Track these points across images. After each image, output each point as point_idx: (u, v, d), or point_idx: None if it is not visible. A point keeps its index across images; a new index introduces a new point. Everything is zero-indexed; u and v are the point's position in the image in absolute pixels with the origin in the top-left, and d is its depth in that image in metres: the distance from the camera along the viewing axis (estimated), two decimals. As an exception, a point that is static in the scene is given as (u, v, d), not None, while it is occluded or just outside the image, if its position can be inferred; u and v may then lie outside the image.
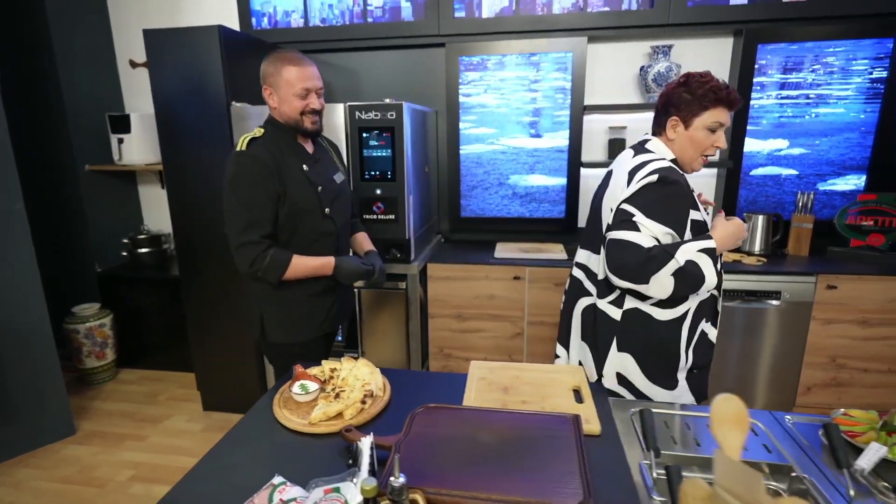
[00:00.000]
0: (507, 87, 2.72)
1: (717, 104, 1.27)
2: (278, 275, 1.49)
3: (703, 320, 1.36)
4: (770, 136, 2.57)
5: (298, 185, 1.51)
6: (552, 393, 1.20)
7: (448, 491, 0.83)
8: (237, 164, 1.45)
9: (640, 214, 1.24)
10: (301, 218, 1.53)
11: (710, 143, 1.31)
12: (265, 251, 1.46)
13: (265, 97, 1.52)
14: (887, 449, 0.95)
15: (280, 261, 1.47)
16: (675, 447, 1.06)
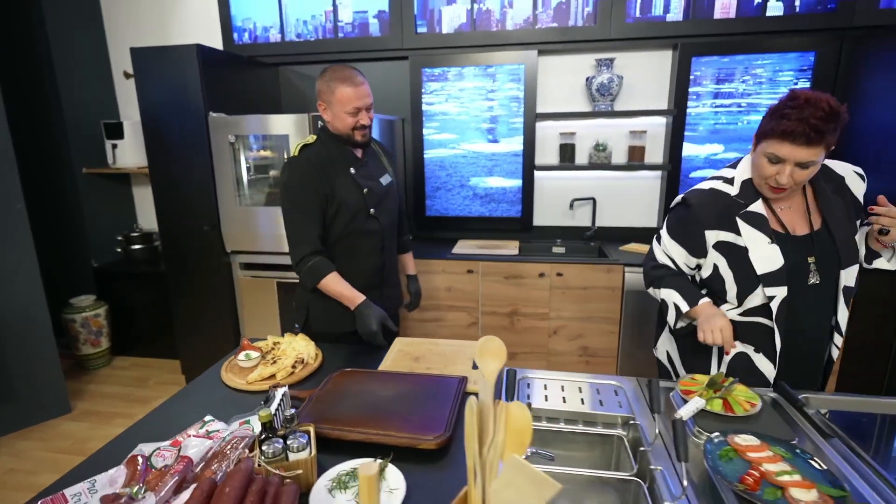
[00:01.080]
0: (466, 97, 2.95)
1: (772, 136, 1.18)
2: (312, 282, 1.61)
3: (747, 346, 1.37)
4: (706, 142, 2.79)
5: (346, 187, 1.63)
6: (454, 361, 1.44)
7: (336, 427, 1.06)
8: (290, 168, 1.60)
9: (664, 231, 1.46)
10: (348, 217, 1.64)
11: (765, 175, 1.24)
12: (310, 255, 1.60)
13: (320, 111, 1.63)
14: (705, 402, 1.18)
15: (317, 271, 1.59)
16: (547, 403, 1.29)
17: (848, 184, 1.35)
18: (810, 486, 0.90)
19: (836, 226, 1.30)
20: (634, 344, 2.62)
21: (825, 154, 1.20)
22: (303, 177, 1.58)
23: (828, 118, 1.14)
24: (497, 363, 0.77)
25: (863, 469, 1.01)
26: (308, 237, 1.60)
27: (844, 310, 1.33)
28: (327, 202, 1.61)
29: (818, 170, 1.26)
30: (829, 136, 1.16)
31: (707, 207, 1.33)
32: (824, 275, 1.30)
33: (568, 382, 1.39)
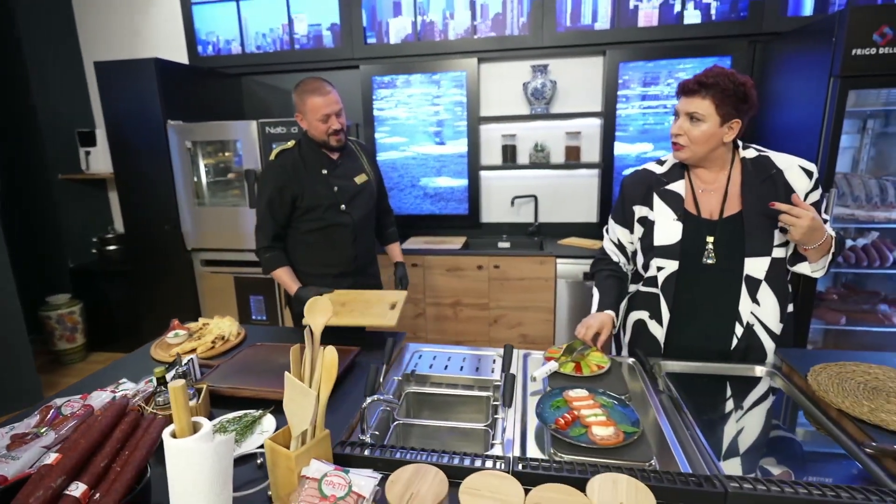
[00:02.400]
0: (414, 102, 3.15)
1: (678, 96, 1.35)
2: (266, 269, 1.89)
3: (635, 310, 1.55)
4: (636, 141, 2.98)
5: (317, 187, 1.83)
6: (375, 305, 1.65)
7: (232, 386, 1.25)
8: (265, 170, 1.86)
9: (611, 219, 1.58)
10: (319, 212, 1.86)
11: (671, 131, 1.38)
12: (267, 248, 1.87)
13: (297, 121, 1.83)
14: (558, 365, 1.36)
15: (270, 263, 1.88)
16: (431, 370, 1.47)
17: (787, 177, 1.35)
18: (610, 424, 1.08)
19: (750, 215, 1.34)
20: (568, 329, 2.80)
21: (719, 116, 1.26)
22: (272, 180, 1.80)
23: (712, 76, 1.26)
24: (323, 318, 0.96)
25: (675, 417, 1.20)
26: (268, 233, 1.85)
27: (748, 299, 1.37)
28: (295, 202, 1.82)
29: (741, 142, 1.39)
30: (714, 92, 1.25)
31: (636, 185, 1.46)
32: (725, 259, 1.38)
33: (455, 354, 1.58)
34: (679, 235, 1.39)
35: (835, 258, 1.36)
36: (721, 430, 1.18)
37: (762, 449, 1.12)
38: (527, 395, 1.32)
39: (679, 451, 1.06)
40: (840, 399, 1.17)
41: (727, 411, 1.28)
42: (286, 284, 1.89)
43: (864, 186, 2.31)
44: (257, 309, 2.83)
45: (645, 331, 1.52)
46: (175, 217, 2.79)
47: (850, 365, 1.33)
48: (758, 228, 1.34)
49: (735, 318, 1.40)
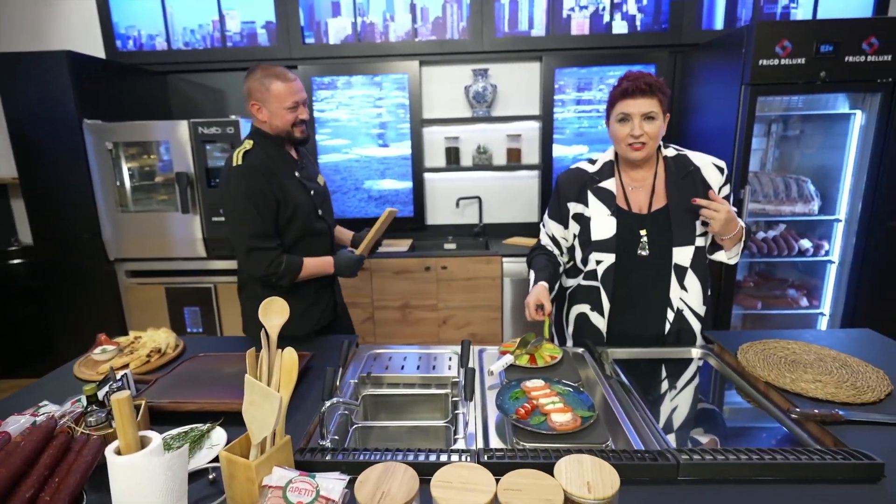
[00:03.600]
0: (356, 104, 3.10)
1: (619, 98, 1.41)
2: (293, 278, 1.60)
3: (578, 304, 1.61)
4: (573, 143, 3.12)
5: (295, 190, 1.62)
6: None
7: (173, 401, 1.16)
8: (237, 177, 1.53)
9: (546, 216, 1.61)
10: (300, 220, 1.63)
11: (622, 134, 1.40)
12: (279, 257, 1.56)
13: (252, 111, 1.59)
14: (514, 358, 1.39)
15: (294, 265, 1.60)
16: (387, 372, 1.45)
17: (703, 173, 1.48)
18: (568, 410, 1.12)
19: (675, 208, 1.46)
20: (515, 326, 2.87)
21: (663, 114, 1.38)
22: (254, 184, 1.53)
23: (653, 80, 1.38)
24: (279, 319, 0.92)
25: (625, 399, 1.26)
26: (270, 241, 1.57)
27: (677, 286, 1.48)
28: (279, 207, 1.58)
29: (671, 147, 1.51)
30: (659, 92, 1.37)
31: (570, 183, 1.52)
32: (656, 250, 1.48)
33: (410, 353, 1.56)
34: (614, 230, 1.48)
35: (745, 246, 1.51)
36: (666, 408, 1.26)
37: (703, 422, 1.21)
38: (485, 390, 1.33)
39: (631, 430, 1.12)
40: (766, 373, 1.28)
41: (670, 390, 1.37)
42: (320, 268, 1.67)
43: (772, 184, 2.56)
44: (192, 321, 2.65)
45: (587, 323, 1.59)
46: (94, 225, 2.55)
47: (772, 342, 1.47)
48: (682, 220, 1.46)
49: (667, 304, 1.51)
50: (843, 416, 1.07)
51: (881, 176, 2.33)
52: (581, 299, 1.60)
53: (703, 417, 1.23)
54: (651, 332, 1.56)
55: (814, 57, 2.20)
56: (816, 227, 2.65)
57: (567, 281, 1.66)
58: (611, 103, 1.46)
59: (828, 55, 2.18)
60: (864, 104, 2.32)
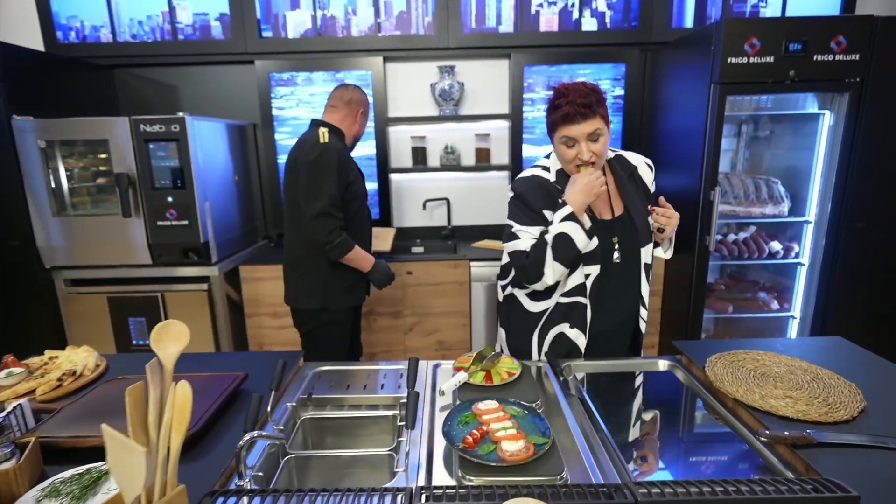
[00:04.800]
0: (317, 102, 2.96)
1: (560, 123, 1.32)
2: (342, 253, 1.86)
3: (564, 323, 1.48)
4: (544, 143, 3.03)
5: (358, 179, 1.97)
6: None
7: (74, 435, 1.01)
8: (325, 150, 1.82)
9: (514, 226, 1.44)
10: (358, 203, 1.96)
11: (569, 157, 1.35)
12: (340, 229, 1.83)
13: (352, 114, 2.00)
14: (467, 375, 1.27)
15: (348, 243, 1.86)
16: (331, 391, 1.32)
17: (640, 173, 1.50)
18: (520, 437, 1.01)
19: (634, 210, 1.45)
20: (485, 332, 2.77)
21: (606, 124, 1.34)
22: (335, 160, 1.82)
23: (588, 94, 1.31)
24: (176, 347, 0.79)
25: (585, 421, 1.16)
26: (338, 212, 1.84)
27: (646, 284, 1.50)
28: (348, 187, 1.88)
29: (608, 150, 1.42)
30: (599, 108, 1.31)
31: (535, 190, 1.42)
32: (627, 253, 1.45)
33: (358, 371, 1.44)
34: (596, 240, 1.40)
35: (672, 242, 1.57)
36: (628, 430, 1.16)
37: (669, 446, 1.11)
38: (436, 412, 1.22)
39: (590, 458, 1.02)
40: (735, 388, 1.20)
41: (634, 409, 1.27)
42: (362, 260, 1.94)
43: (742, 185, 2.51)
44: (139, 332, 2.47)
45: (564, 342, 1.49)
46: (26, 230, 2.35)
47: (741, 353, 1.39)
48: (642, 221, 1.47)
49: (640, 302, 1.52)
50: (814, 438, 0.99)
51: (849, 176, 2.30)
52: (561, 318, 1.48)
53: (668, 440, 1.14)
54: (627, 335, 1.55)
55: (782, 55, 2.15)
56: (787, 229, 2.62)
57: (538, 304, 1.51)
58: (552, 126, 1.38)
59: (796, 54, 2.14)
60: (833, 104, 2.29)
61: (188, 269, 2.41)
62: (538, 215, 1.42)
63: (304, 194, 1.82)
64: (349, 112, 1.99)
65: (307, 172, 1.81)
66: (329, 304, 1.96)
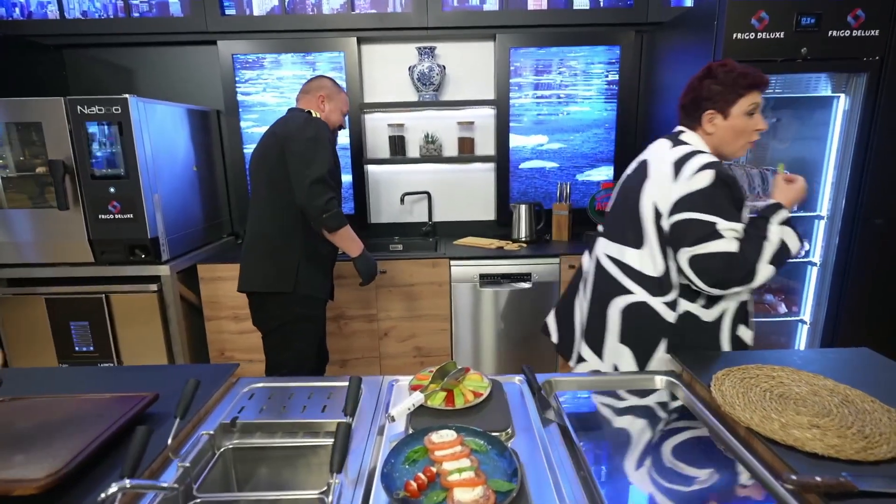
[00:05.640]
0: (285, 86, 2.73)
1: (750, 89, 1.27)
2: (337, 225, 1.74)
3: (740, 324, 1.33)
4: (531, 133, 2.81)
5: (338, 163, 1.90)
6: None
7: None
8: (320, 125, 1.77)
9: (721, 221, 1.18)
10: (339, 187, 1.88)
11: (752, 128, 1.29)
12: (336, 200, 1.73)
13: (319, 100, 1.89)
14: (423, 397, 1.05)
15: (341, 217, 1.75)
16: (262, 416, 1.09)
17: None
18: (477, 483, 0.79)
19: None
20: (470, 338, 2.54)
21: None
22: (328, 137, 1.76)
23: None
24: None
25: (564, 457, 0.93)
26: (335, 186, 1.75)
27: None
28: (335, 168, 1.81)
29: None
30: None
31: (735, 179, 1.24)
32: None
33: (299, 388, 1.21)
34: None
35: None
36: (619, 469, 0.94)
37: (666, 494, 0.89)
38: (385, 442, 0.99)
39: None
40: (748, 414, 0.98)
41: (625, 441, 1.05)
42: (351, 242, 1.84)
43: (746, 177, 2.29)
44: (81, 338, 2.24)
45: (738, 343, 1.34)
46: (-48, 224, 2.12)
47: (753, 369, 1.17)
48: None
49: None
50: (854, 485, 0.77)
51: (867, 168, 2.08)
52: (740, 318, 1.33)
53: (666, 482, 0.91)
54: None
55: (794, 31, 1.93)
56: (797, 226, 2.39)
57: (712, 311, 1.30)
58: (734, 94, 1.28)
59: (809, 28, 1.92)
60: (849, 86, 2.07)
61: (135, 267, 2.17)
62: (738, 210, 1.24)
63: (300, 162, 1.70)
64: (317, 98, 1.90)
65: (304, 143, 1.71)
66: (301, 291, 1.79)
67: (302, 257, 1.79)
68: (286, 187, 1.73)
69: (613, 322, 1.36)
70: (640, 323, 1.32)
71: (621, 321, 1.35)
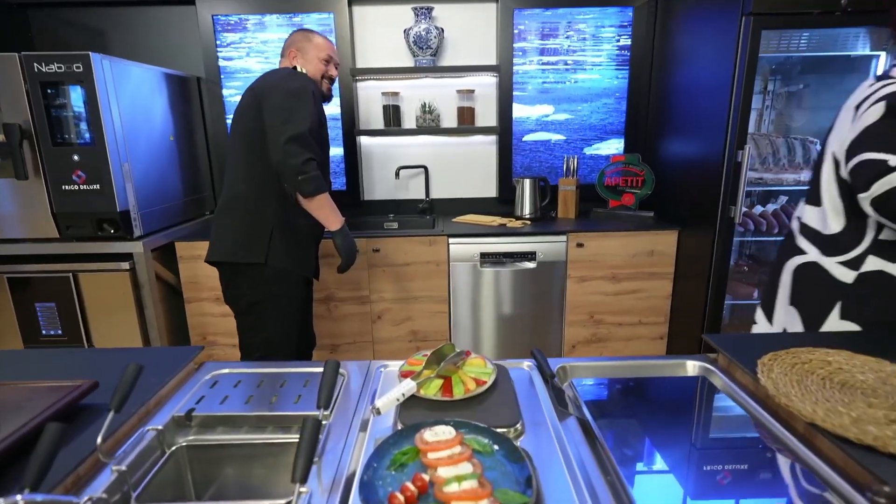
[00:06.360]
0: (271, 51, 2.52)
1: None
2: (314, 189, 1.51)
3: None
4: (536, 102, 2.61)
5: (327, 127, 1.72)
6: None
7: None
8: (304, 78, 1.58)
9: (893, 157, 0.99)
10: (325, 152, 1.68)
11: None
12: (314, 162, 1.50)
13: (291, 58, 1.71)
14: (415, 385, 0.87)
15: (319, 182, 1.52)
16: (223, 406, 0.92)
17: None
18: (482, 495, 0.62)
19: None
20: (470, 320, 2.37)
21: None
22: (313, 92, 1.56)
23: None
24: None
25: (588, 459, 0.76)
26: (314, 147, 1.52)
27: None
28: (319, 128, 1.60)
29: None
30: None
31: None
32: None
33: (270, 375, 1.04)
34: None
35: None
36: (653, 471, 0.77)
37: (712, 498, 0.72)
38: (368, 440, 0.82)
39: (596, 530, 0.62)
40: (811, 407, 0.80)
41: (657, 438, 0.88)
42: (330, 213, 1.61)
43: (772, 146, 2.11)
44: (48, 321, 2.06)
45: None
46: None
47: (804, 352, 0.99)
48: None
49: None
50: (966, 499, 0.60)
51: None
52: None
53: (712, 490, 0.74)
54: None
55: (833, -22, 1.73)
56: None
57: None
58: None
59: (851, -25, 1.72)
60: (890, 43, 1.87)
61: (105, 244, 1.99)
62: None
63: (277, 115, 1.49)
64: (289, 56, 1.74)
65: (284, 96, 1.51)
66: (275, 263, 1.58)
67: (276, 225, 1.58)
68: (263, 145, 1.53)
69: (785, 284, 1.27)
70: (812, 284, 1.21)
71: (792, 282, 1.25)
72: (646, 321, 2.39)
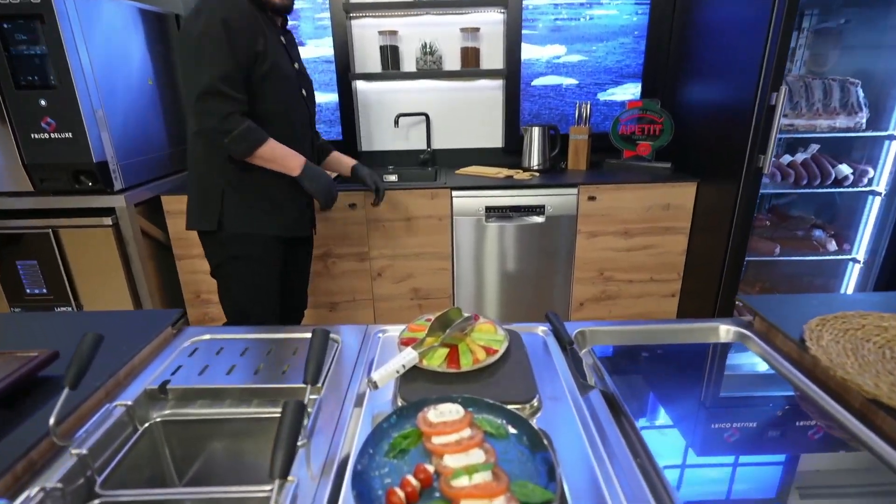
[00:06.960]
0: (255, -18, 2.27)
1: None
2: (250, 147, 1.29)
3: None
4: (547, 42, 2.39)
5: (278, 53, 1.35)
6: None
7: None
8: (213, 8, 1.20)
9: None
10: (278, 87, 1.36)
11: None
12: (239, 113, 1.26)
13: None
14: (417, 355, 0.77)
15: (257, 132, 1.29)
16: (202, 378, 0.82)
17: None
18: (497, 491, 0.52)
19: None
20: (473, 278, 2.27)
21: None
22: (233, 18, 1.22)
23: None
24: None
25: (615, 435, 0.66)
26: (236, 90, 1.25)
27: None
28: (256, 61, 1.29)
29: None
30: None
31: None
32: None
33: (256, 341, 0.94)
34: None
35: None
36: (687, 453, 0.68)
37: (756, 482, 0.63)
38: (363, 417, 0.72)
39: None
40: (871, 380, 0.70)
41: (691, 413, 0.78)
42: (283, 160, 1.37)
43: (807, 89, 1.92)
44: (31, 280, 1.96)
45: None
46: None
47: (854, 316, 0.88)
48: None
49: None
50: None
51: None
52: None
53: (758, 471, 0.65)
54: None
55: None
56: (860, 148, 2.05)
57: None
58: None
59: None
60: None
61: (84, 198, 1.86)
62: None
63: (183, 72, 1.31)
64: None
65: (187, 45, 1.25)
66: (231, 228, 1.40)
67: (228, 185, 1.38)
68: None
69: None
70: None
71: None
72: (657, 278, 2.28)
